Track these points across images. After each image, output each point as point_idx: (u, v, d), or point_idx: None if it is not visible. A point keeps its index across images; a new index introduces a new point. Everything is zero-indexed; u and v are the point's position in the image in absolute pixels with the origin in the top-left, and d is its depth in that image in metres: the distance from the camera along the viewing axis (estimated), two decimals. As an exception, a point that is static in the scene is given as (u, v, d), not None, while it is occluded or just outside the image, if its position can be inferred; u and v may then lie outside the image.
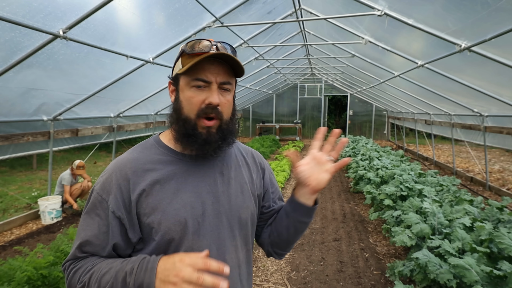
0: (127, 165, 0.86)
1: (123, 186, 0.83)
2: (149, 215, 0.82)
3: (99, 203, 0.83)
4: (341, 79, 12.26)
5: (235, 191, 0.94)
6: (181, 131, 0.86)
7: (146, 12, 3.45)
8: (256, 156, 1.09)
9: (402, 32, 4.15)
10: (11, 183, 7.26)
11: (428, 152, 10.89)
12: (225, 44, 0.87)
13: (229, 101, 0.88)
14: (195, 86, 0.84)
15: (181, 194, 0.85)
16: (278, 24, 6.04)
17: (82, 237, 0.83)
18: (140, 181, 0.83)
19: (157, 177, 0.85)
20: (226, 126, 0.88)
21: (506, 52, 3.10)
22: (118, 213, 0.82)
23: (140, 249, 0.85)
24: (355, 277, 3.11)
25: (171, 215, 0.82)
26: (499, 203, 3.29)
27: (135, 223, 0.83)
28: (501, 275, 2.14)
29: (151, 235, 0.83)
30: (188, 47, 0.84)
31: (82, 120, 5.13)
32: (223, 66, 0.85)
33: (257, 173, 1.05)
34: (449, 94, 5.71)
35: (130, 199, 0.82)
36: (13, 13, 2.39)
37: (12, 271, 2.48)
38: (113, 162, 0.89)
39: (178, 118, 0.87)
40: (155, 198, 0.83)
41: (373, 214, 4.14)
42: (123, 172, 0.84)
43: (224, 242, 0.89)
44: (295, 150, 0.92)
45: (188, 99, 0.85)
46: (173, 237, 0.82)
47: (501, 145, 5.68)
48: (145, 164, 0.86)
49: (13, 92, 3.44)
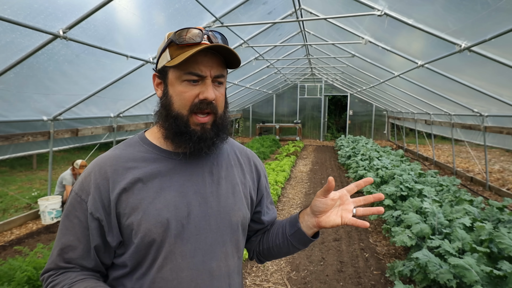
0: (107, 163, 0.79)
1: (102, 186, 0.77)
2: (129, 215, 0.76)
3: (78, 204, 0.77)
4: (341, 79, 12.26)
5: (226, 192, 0.87)
6: (172, 129, 0.80)
7: (146, 12, 3.45)
8: (251, 157, 1.01)
9: (402, 32, 4.15)
10: (11, 183, 7.26)
11: (428, 152, 10.89)
12: (216, 33, 0.81)
13: (222, 95, 0.83)
14: (188, 80, 0.77)
15: (164, 193, 0.79)
16: (278, 24, 6.04)
17: (63, 242, 0.77)
18: (120, 180, 0.77)
19: (139, 175, 0.78)
20: (221, 121, 0.83)
21: (506, 52, 3.10)
22: (97, 215, 0.76)
23: (121, 253, 0.79)
24: (355, 277, 3.11)
25: (152, 215, 0.76)
26: (499, 203, 3.29)
27: (114, 225, 0.77)
28: (501, 275, 2.14)
29: (131, 238, 0.76)
30: (176, 36, 0.77)
31: (82, 120, 5.14)
32: (217, 57, 0.79)
33: (251, 175, 0.97)
34: (449, 94, 5.71)
35: (110, 199, 0.76)
36: (14, 15, 2.40)
37: (12, 271, 2.48)
38: (94, 160, 0.83)
39: (167, 115, 0.80)
40: (136, 198, 0.77)
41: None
42: (102, 171, 0.78)
43: (211, 248, 0.81)
44: (333, 179, 0.82)
45: (180, 94, 0.78)
46: (154, 239, 0.76)
47: (501, 145, 5.68)
48: (127, 162, 0.80)
49: (13, 92, 3.44)
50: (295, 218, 0.93)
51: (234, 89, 9.20)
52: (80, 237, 0.77)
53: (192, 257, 0.78)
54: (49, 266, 0.79)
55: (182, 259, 0.78)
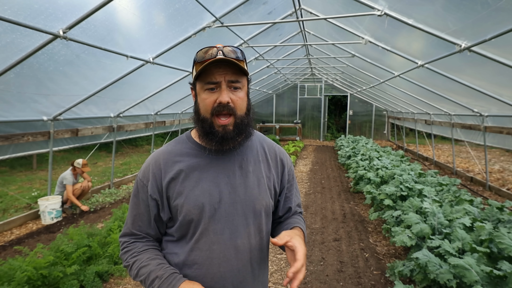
0: (160, 156, 1.03)
1: (157, 174, 1.00)
2: (175, 198, 0.98)
3: (141, 187, 1.02)
4: (341, 79, 12.26)
5: (252, 184, 1.04)
6: (202, 130, 0.99)
7: (147, 12, 3.45)
8: (279, 153, 1.16)
9: (402, 32, 4.15)
10: (11, 183, 7.26)
11: (428, 152, 10.89)
12: (233, 47, 0.96)
13: (241, 98, 0.96)
14: (208, 89, 0.94)
15: (202, 183, 0.99)
16: (278, 24, 6.04)
17: (134, 214, 1.04)
18: (169, 171, 1.00)
19: (183, 167, 1.00)
20: (241, 121, 0.97)
21: (506, 52, 3.10)
22: (154, 196, 1.00)
23: (170, 226, 1.03)
24: (355, 277, 3.11)
25: (191, 200, 0.97)
26: (499, 203, 3.29)
27: (165, 205, 1.00)
28: (501, 275, 2.14)
29: (177, 215, 0.99)
30: (198, 56, 0.96)
31: (82, 120, 5.14)
32: (230, 67, 0.93)
33: (276, 169, 1.13)
34: (449, 94, 5.71)
35: (162, 185, 0.99)
36: (15, 15, 2.41)
37: (12, 271, 2.48)
38: (152, 154, 1.07)
39: (198, 119, 1.00)
40: (181, 185, 0.98)
41: (373, 214, 4.14)
42: (157, 163, 1.01)
43: (237, 228, 1.00)
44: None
45: (203, 100, 0.96)
46: (192, 219, 0.97)
47: (501, 145, 5.68)
48: (175, 156, 1.02)
49: (14, 92, 3.44)
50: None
51: (234, 89, 9.19)
52: (144, 211, 1.02)
53: (221, 234, 0.99)
54: (125, 231, 1.05)
55: (213, 235, 0.98)
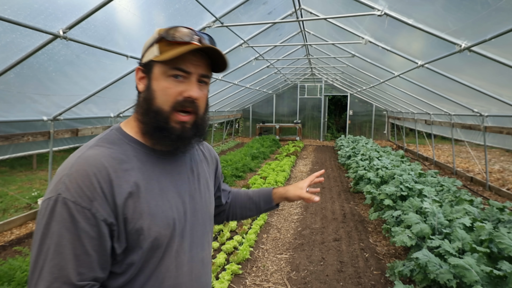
0: (104, 163, 0.72)
1: (106, 189, 0.70)
2: (136, 220, 0.73)
3: (79, 213, 0.67)
4: (341, 79, 12.26)
5: (204, 187, 0.93)
6: (152, 124, 0.78)
7: (147, 12, 3.45)
8: (210, 148, 1.09)
9: (402, 32, 4.15)
10: (11, 183, 7.26)
11: (428, 152, 10.88)
12: (204, 34, 0.83)
13: (205, 96, 0.84)
14: (173, 76, 0.77)
15: (166, 194, 0.80)
16: (278, 24, 6.04)
17: (70, 258, 0.66)
18: (122, 183, 0.73)
19: (140, 176, 0.76)
20: (201, 122, 0.84)
21: (506, 52, 3.10)
22: (110, 220, 0.70)
23: (119, 260, 0.74)
24: (355, 277, 3.11)
25: (160, 218, 0.76)
26: (499, 203, 3.29)
27: (122, 231, 0.72)
28: (501, 275, 2.14)
29: (138, 243, 0.74)
30: (167, 33, 0.78)
31: (82, 120, 5.13)
32: (204, 58, 0.81)
33: (213, 166, 1.06)
34: (449, 94, 5.71)
35: (116, 203, 0.71)
36: (15, 15, 2.41)
37: (12, 271, 2.48)
38: (80, 160, 0.71)
39: (148, 109, 0.79)
40: (142, 201, 0.74)
41: (373, 214, 4.14)
42: (103, 173, 0.71)
43: (200, 240, 0.88)
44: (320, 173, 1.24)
45: (164, 89, 0.78)
46: (161, 243, 0.76)
47: (501, 145, 5.68)
48: (121, 162, 0.75)
49: (14, 92, 3.44)
50: (269, 197, 1.21)
51: (234, 89, 9.19)
52: (90, 248, 0.68)
53: (190, 251, 0.84)
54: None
55: (183, 255, 0.82)
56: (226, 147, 12.08)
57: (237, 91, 9.66)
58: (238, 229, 4.14)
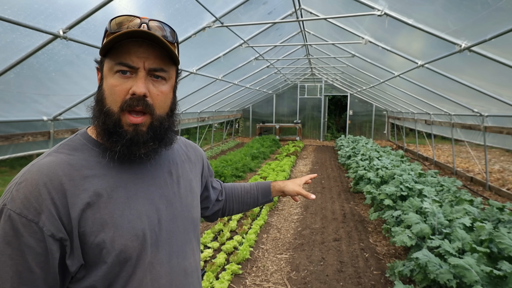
0: (58, 172, 0.65)
1: (58, 200, 0.63)
2: (98, 233, 0.66)
3: (23, 227, 0.60)
4: (341, 79, 12.26)
5: (185, 191, 0.86)
6: (103, 127, 0.70)
7: (147, 12, 3.46)
8: (195, 147, 1.02)
9: (402, 32, 4.15)
10: (11, 183, 7.26)
11: (428, 152, 10.88)
12: (164, 24, 0.74)
13: (163, 93, 0.73)
14: (119, 72, 0.69)
15: (133, 202, 0.72)
16: (278, 24, 6.04)
17: (10, 276, 0.59)
18: (79, 192, 0.66)
19: (101, 185, 0.69)
20: (160, 123, 0.73)
21: (506, 52, 3.10)
22: (60, 235, 0.63)
23: (81, 277, 0.67)
24: (355, 277, 3.11)
25: (125, 229, 0.69)
26: (499, 203, 3.29)
27: (76, 247, 0.65)
28: (501, 275, 2.14)
29: (101, 258, 0.66)
30: (110, 25, 0.70)
31: (82, 120, 5.13)
32: (155, 49, 0.70)
33: (200, 165, 1.00)
34: (449, 94, 5.71)
35: (70, 216, 0.64)
36: (15, 15, 2.41)
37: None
38: (33, 168, 0.65)
39: (100, 111, 0.71)
40: (104, 212, 0.67)
41: (373, 214, 4.14)
42: (55, 182, 0.64)
43: (182, 248, 0.81)
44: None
45: (111, 87, 0.70)
46: (130, 256, 0.69)
47: (501, 145, 5.68)
48: (81, 169, 0.68)
49: (14, 92, 3.44)
50: (267, 191, 1.22)
51: (234, 89, 9.20)
52: (34, 266, 0.61)
53: (168, 262, 0.77)
54: None
55: (160, 267, 0.75)
56: (226, 147, 12.08)
57: (237, 91, 9.66)
58: (238, 229, 4.14)
